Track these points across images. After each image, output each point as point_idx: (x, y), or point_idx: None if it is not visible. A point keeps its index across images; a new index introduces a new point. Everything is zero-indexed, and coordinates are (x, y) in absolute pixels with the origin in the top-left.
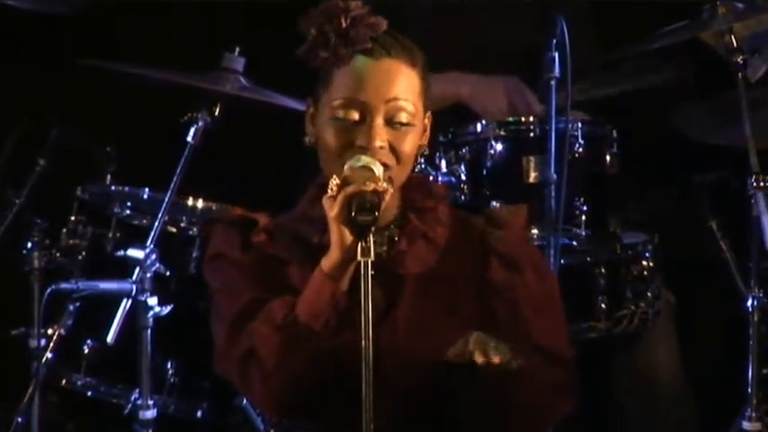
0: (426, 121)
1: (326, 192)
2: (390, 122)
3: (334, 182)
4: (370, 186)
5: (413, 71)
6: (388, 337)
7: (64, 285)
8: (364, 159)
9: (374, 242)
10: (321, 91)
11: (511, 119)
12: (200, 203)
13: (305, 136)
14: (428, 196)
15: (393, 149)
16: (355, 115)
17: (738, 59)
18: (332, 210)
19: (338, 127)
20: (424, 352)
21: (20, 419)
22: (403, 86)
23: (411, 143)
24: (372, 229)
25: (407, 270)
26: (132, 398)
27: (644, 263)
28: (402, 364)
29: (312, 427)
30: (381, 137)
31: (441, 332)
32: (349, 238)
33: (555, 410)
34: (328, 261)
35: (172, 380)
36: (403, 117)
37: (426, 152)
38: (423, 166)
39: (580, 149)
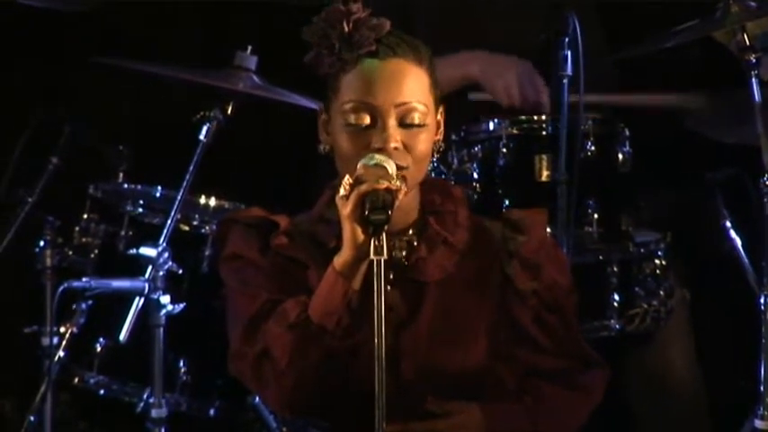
0: (439, 117)
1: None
2: (403, 124)
3: (347, 181)
4: (383, 184)
5: (420, 68)
6: (409, 343)
7: (76, 284)
8: (377, 158)
9: (393, 246)
10: (331, 97)
11: (523, 117)
12: (212, 202)
13: (319, 143)
14: (447, 199)
15: (408, 149)
16: (367, 119)
17: (751, 58)
18: (345, 208)
19: (351, 132)
20: (446, 358)
21: (32, 418)
22: (412, 87)
23: (426, 142)
24: (386, 227)
25: (428, 277)
26: (144, 396)
27: (656, 261)
28: (423, 370)
29: (328, 425)
30: (395, 138)
31: (462, 338)
32: (362, 236)
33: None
34: (341, 259)
35: (184, 378)
36: (415, 118)
37: (442, 148)
38: (435, 164)
39: (592, 148)
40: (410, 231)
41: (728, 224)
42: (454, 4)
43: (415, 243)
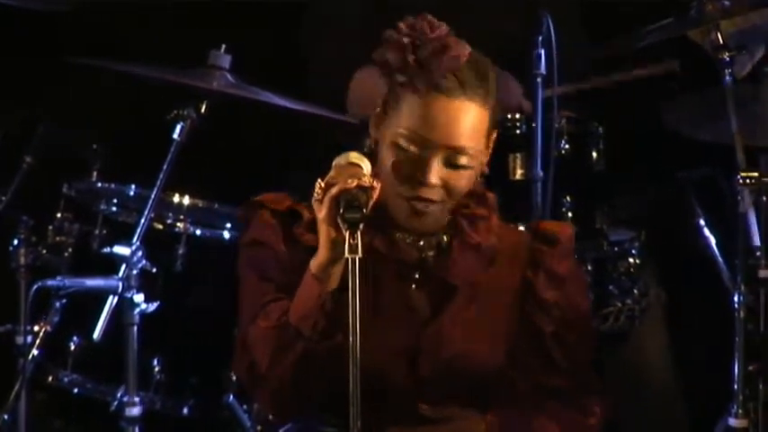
0: (491, 142)
1: None
2: (449, 164)
3: (320, 184)
4: (354, 183)
5: (484, 109)
6: (430, 342)
7: (50, 282)
8: (351, 155)
9: (423, 247)
10: (391, 104)
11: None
12: (186, 200)
13: (368, 138)
14: (481, 204)
15: (446, 187)
16: (417, 149)
17: (725, 56)
18: (320, 212)
19: (398, 155)
20: (464, 360)
21: (6, 416)
22: (470, 131)
23: (467, 181)
24: (361, 225)
25: (456, 279)
26: (118, 395)
27: (630, 260)
28: (441, 370)
29: (341, 423)
30: (436, 176)
31: (483, 342)
32: (337, 236)
33: None
34: (316, 261)
35: (158, 377)
36: (463, 160)
37: (486, 172)
38: None
39: (566, 146)
40: (442, 234)
41: (702, 222)
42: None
43: (445, 244)
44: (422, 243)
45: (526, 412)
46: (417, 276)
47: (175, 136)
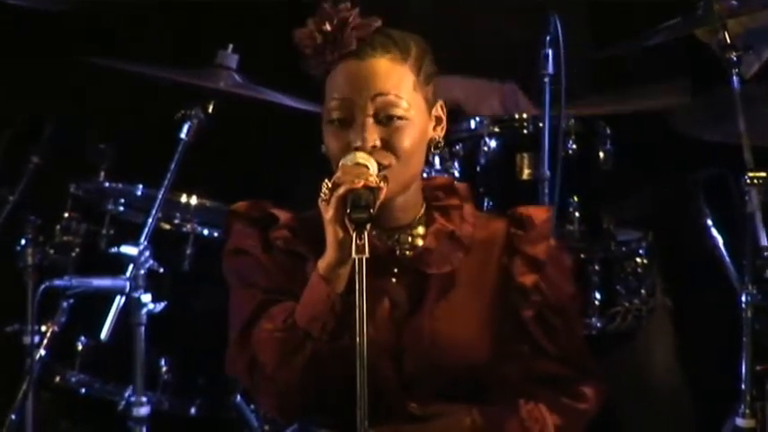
0: (441, 112)
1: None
2: (382, 119)
3: (326, 184)
4: (360, 183)
5: (403, 66)
6: (411, 337)
7: (57, 282)
8: (358, 156)
9: (398, 241)
10: (324, 98)
11: (504, 116)
12: (193, 200)
13: (321, 145)
14: (452, 195)
15: (390, 147)
16: (346, 116)
17: (732, 56)
18: (327, 213)
19: (334, 130)
20: (448, 353)
21: (13, 416)
22: (390, 81)
23: (409, 137)
24: (368, 225)
25: (433, 269)
26: (126, 395)
27: (638, 260)
28: (425, 366)
29: (334, 423)
30: (372, 135)
31: (465, 333)
32: (345, 237)
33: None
34: (324, 263)
35: (165, 377)
36: (394, 111)
37: (441, 145)
38: None
39: (574, 146)
40: (415, 227)
41: (710, 222)
42: (440, 7)
43: (420, 237)
44: (396, 237)
45: (514, 405)
46: (396, 271)
47: (183, 136)
